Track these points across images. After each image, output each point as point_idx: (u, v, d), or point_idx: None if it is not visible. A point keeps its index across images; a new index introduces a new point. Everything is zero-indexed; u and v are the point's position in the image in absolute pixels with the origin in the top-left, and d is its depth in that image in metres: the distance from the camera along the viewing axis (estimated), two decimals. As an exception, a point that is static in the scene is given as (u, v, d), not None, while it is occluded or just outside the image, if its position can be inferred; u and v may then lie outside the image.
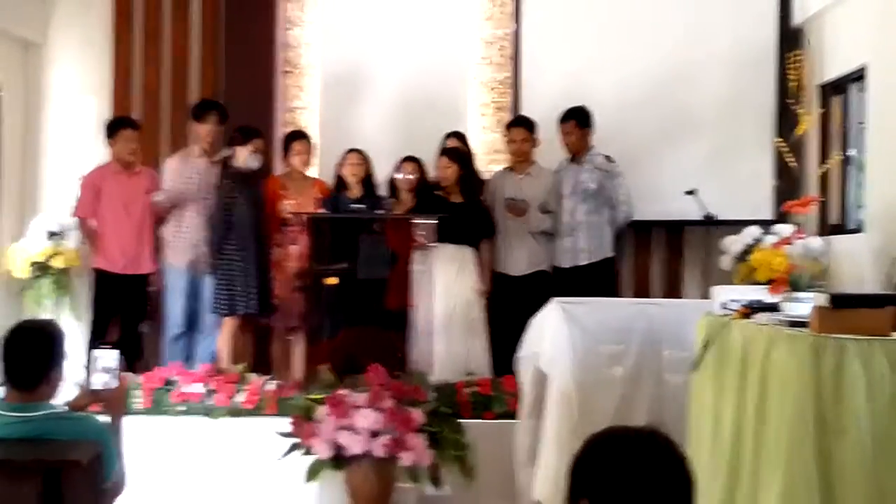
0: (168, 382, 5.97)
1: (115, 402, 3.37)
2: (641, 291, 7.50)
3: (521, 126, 6.87)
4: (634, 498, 1.90)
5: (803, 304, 3.80)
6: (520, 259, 6.75)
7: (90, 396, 3.36)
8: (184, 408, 5.87)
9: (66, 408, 3.31)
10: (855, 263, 6.10)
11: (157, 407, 5.88)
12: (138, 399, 5.86)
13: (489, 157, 7.25)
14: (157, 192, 6.58)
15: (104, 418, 3.28)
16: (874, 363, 3.38)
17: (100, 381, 3.30)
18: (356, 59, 7.57)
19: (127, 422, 3.41)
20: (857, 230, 6.38)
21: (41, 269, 6.99)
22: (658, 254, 7.63)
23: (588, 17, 7.40)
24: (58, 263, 6.99)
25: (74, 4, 7.57)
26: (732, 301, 4.32)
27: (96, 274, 6.71)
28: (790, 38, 7.11)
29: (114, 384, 3.31)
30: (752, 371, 3.80)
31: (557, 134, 6.77)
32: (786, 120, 6.81)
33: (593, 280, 6.52)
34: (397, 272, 6.41)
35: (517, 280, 6.71)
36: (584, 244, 6.66)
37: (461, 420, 5.62)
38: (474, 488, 5.41)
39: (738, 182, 7.12)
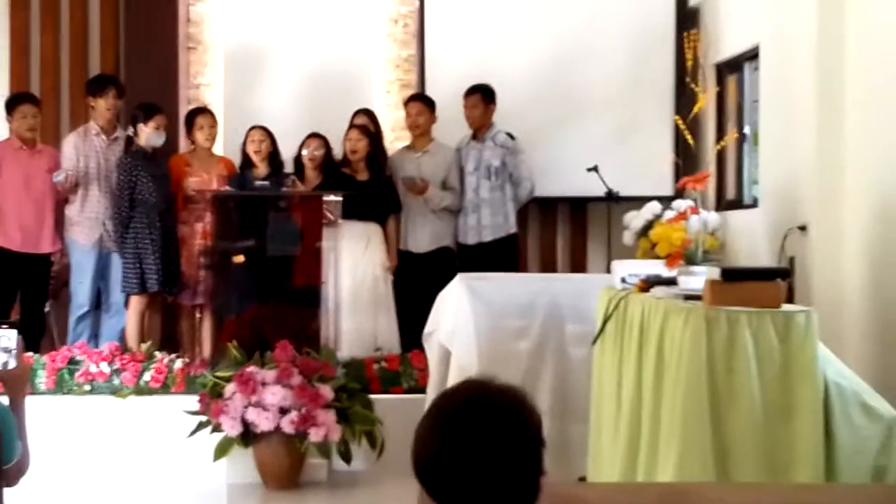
0: (73, 362, 5.92)
1: (16, 382, 3.31)
2: (547, 267, 7.62)
3: (416, 101, 6.93)
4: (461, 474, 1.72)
5: (698, 278, 3.92)
6: (422, 236, 6.80)
7: (-11, 377, 3.31)
8: (89, 387, 5.82)
9: (-36, 389, 3.26)
10: (750, 238, 6.30)
11: (61, 387, 5.83)
12: (42, 379, 5.80)
13: (394, 133, 7.28)
14: (58, 172, 6.47)
15: (4, 399, 3.25)
16: (763, 334, 3.51)
17: (-1, 362, 3.25)
18: (260, 35, 7.51)
19: (31, 402, 3.37)
20: (752, 205, 6.58)
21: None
22: (563, 229, 7.76)
23: (492, -5, 7.47)
24: (-44, 242, 6.85)
25: (-32, -24, 7.37)
26: (631, 275, 4.44)
27: (-5, 252, 6.60)
28: (687, 18, 7.27)
29: (13, 364, 3.27)
30: (650, 343, 3.91)
31: (461, 113, 6.83)
32: (684, 98, 6.96)
33: (497, 256, 6.61)
34: (305, 249, 6.42)
35: (420, 257, 6.76)
36: (488, 221, 6.75)
37: (370, 395, 5.69)
38: (384, 463, 5.48)
39: (639, 159, 7.26)
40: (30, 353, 5.60)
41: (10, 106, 6.58)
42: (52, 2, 7.44)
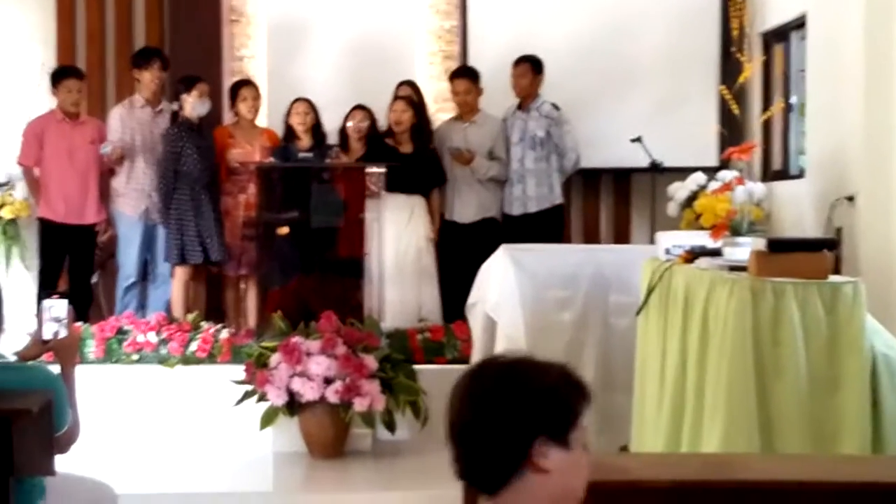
0: (121, 331, 5.99)
1: (66, 351, 3.37)
2: (591, 238, 7.59)
3: (463, 77, 6.86)
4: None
5: (743, 249, 3.89)
6: (468, 207, 6.79)
7: (40, 346, 3.37)
8: (137, 357, 5.90)
9: (16, 358, 3.32)
10: (796, 208, 6.24)
11: (110, 356, 5.91)
12: (91, 348, 5.88)
13: (437, 105, 7.26)
14: (104, 144, 6.54)
15: (55, 368, 3.30)
16: (810, 306, 3.49)
17: (50, 331, 3.31)
18: (303, 6, 7.52)
19: (80, 371, 3.43)
20: (798, 176, 6.51)
21: (-11, 219, 6.96)
22: (606, 201, 7.72)
23: (534, -36, 7.42)
24: (6, 213, 6.96)
25: (16, -50, 7.44)
26: (676, 246, 4.41)
27: (41, 223, 6.67)
28: (733, -14, 7.18)
29: (64, 334, 3.33)
30: (694, 315, 3.90)
31: (505, 83, 6.79)
32: (729, 68, 6.89)
33: (542, 227, 6.60)
34: (349, 221, 6.44)
35: (466, 227, 6.76)
36: (533, 192, 6.73)
37: (414, 366, 5.71)
38: (428, 433, 5.50)
39: (683, 129, 7.20)
40: (79, 323, 5.68)
41: (56, 79, 6.64)
42: (98, -24, 7.50)
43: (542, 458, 1.67)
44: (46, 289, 6.09)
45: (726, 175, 6.40)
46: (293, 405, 5.41)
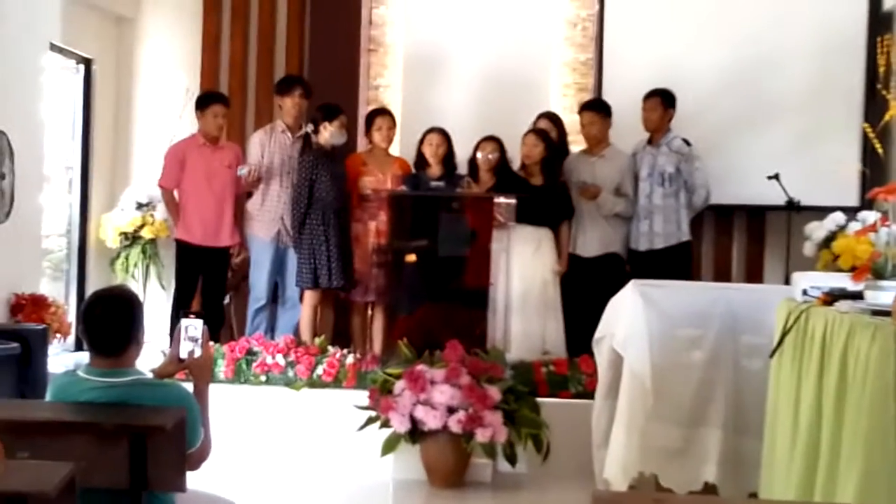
0: (250, 353, 6.10)
1: (201, 370, 3.45)
2: (722, 276, 7.43)
3: (590, 110, 6.82)
4: None
5: (886, 293, 3.74)
6: (591, 241, 6.72)
7: (176, 364, 3.44)
8: (265, 378, 6.00)
9: (152, 375, 3.41)
10: (942, 253, 5.98)
11: (239, 376, 6.03)
12: (221, 368, 6.01)
13: (570, 137, 7.23)
14: (242, 166, 6.69)
15: (189, 386, 3.38)
16: (958, 355, 3.33)
17: (186, 350, 3.39)
18: (439, 38, 7.61)
19: (211, 390, 3.50)
20: (945, 219, 6.24)
21: (130, 238, 7.20)
22: (739, 238, 7.56)
23: (672, -1, 7.36)
24: (146, 233, 7.19)
25: (166, -20, 7.74)
26: (814, 287, 4.26)
27: (178, 245, 6.84)
28: (881, 23, 6.97)
29: (199, 353, 3.40)
30: (832, 359, 3.76)
31: (638, 117, 6.72)
32: (874, 105, 6.69)
33: (669, 264, 6.48)
34: (476, 250, 6.45)
35: (588, 261, 6.70)
36: (661, 228, 6.63)
37: (537, 398, 5.66)
38: (549, 466, 5.45)
39: (822, 167, 7.01)
40: (212, 343, 5.80)
41: (203, 104, 6.79)
42: (242, 6, 7.73)
43: None
44: (181, 308, 6.25)
45: (868, 216, 6.22)
46: (415, 433, 5.42)
